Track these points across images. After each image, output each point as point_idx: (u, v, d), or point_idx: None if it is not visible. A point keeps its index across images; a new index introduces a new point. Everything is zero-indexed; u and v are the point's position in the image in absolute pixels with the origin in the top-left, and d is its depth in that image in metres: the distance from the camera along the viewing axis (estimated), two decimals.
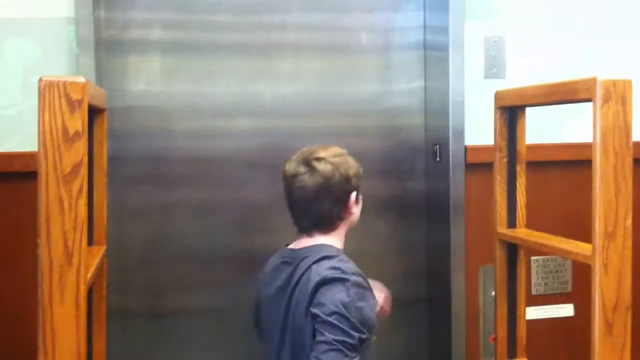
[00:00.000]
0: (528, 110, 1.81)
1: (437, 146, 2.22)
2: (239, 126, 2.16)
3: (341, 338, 1.50)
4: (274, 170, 2.12)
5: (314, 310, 1.54)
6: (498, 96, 1.82)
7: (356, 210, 1.75)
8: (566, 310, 2.23)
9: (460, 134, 2.15)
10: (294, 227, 1.72)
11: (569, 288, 2.23)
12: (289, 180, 1.68)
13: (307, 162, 1.67)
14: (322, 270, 1.58)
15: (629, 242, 1.40)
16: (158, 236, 2.11)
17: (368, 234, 2.20)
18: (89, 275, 1.26)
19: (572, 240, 1.61)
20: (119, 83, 2.05)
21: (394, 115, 2.27)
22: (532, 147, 1.91)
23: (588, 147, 1.44)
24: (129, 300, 2.09)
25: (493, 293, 2.16)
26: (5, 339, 1.86)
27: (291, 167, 1.68)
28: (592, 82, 1.40)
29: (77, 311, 1.15)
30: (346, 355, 1.49)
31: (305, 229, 1.70)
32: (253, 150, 2.16)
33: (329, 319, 1.51)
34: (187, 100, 2.11)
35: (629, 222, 1.40)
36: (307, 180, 1.65)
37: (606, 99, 1.38)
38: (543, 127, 2.13)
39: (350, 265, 1.62)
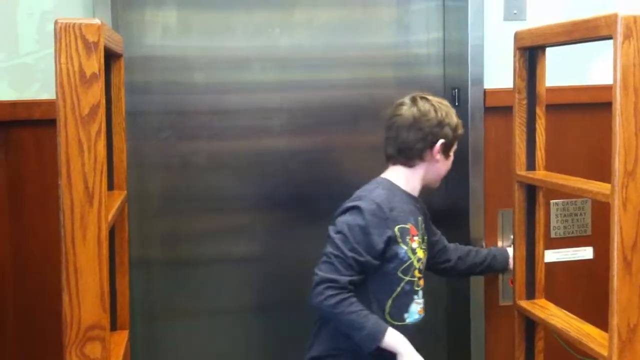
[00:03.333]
0: (548, 52, 1.79)
1: (456, 90, 2.20)
2: (256, 78, 2.14)
3: (335, 252, 1.67)
4: (291, 120, 2.16)
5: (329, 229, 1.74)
6: (518, 36, 1.79)
7: (441, 161, 1.82)
8: (586, 253, 2.23)
9: (479, 78, 2.12)
10: (311, 175, 1.73)
11: (589, 231, 2.23)
12: (392, 108, 1.83)
13: (413, 98, 1.81)
14: (352, 197, 1.77)
15: None
16: (177, 187, 2.12)
17: None
18: (110, 216, 1.28)
19: (590, 181, 1.60)
20: (136, 36, 2.03)
21: (412, 64, 2.24)
22: (552, 90, 1.89)
23: (608, 89, 1.42)
24: (149, 249, 2.11)
25: (512, 236, 2.17)
26: (32, 279, 1.90)
27: (399, 100, 1.84)
28: (614, 18, 1.38)
29: (100, 250, 1.18)
30: (336, 270, 1.65)
31: (388, 158, 1.84)
32: (270, 101, 2.14)
33: (332, 235, 1.71)
34: (204, 52, 2.09)
35: None
36: (406, 110, 1.79)
37: (627, 36, 1.36)
38: (562, 70, 2.10)
39: (376, 194, 1.74)
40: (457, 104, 2.19)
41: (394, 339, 1.65)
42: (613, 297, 1.41)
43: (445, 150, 1.80)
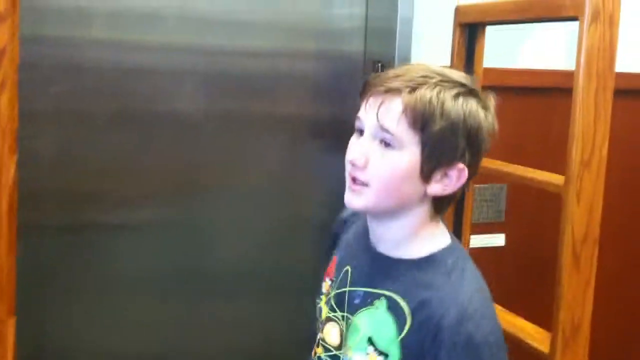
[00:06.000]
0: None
1: (379, 65, 2.08)
2: (167, 37, 1.92)
3: None
4: (204, 85, 1.95)
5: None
6: (459, 11, 1.69)
7: None
8: (498, 239, 2.19)
9: (406, 54, 2.01)
10: (223, 141, 1.52)
11: (502, 218, 2.19)
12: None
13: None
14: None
15: (603, 172, 1.34)
16: (72, 147, 1.87)
17: (300, 157, 2.09)
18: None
19: (539, 170, 1.53)
20: None
21: (335, 36, 2.10)
22: (488, 71, 1.81)
23: (538, 74, 1.34)
24: (41, 215, 1.86)
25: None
26: None
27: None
28: None
29: None
30: None
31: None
32: (182, 63, 1.94)
33: None
34: (106, 5, 1.85)
35: (605, 151, 1.33)
36: None
37: (594, 18, 1.29)
38: (497, 50, 2.03)
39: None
40: None
41: None
42: (559, 292, 1.36)
43: None
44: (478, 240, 2.17)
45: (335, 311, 1.12)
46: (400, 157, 1.01)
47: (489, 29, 1.69)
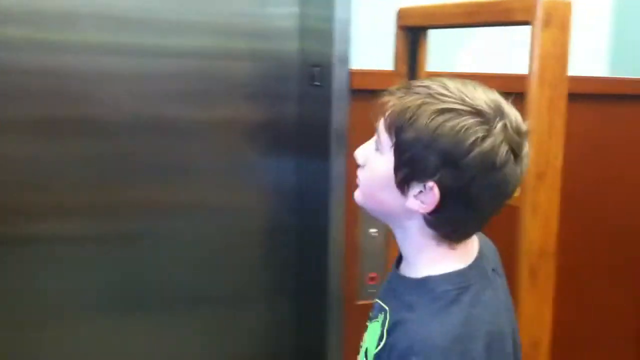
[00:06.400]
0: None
1: (317, 69, 1.99)
2: (86, 38, 1.80)
3: None
4: (129, 88, 1.83)
5: None
6: (401, 14, 1.62)
7: None
8: None
9: (345, 57, 1.92)
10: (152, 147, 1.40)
11: None
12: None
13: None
14: None
15: (558, 183, 1.29)
16: None
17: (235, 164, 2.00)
18: None
19: None
20: None
21: (269, 37, 2.00)
22: (430, 76, 1.74)
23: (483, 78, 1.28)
24: None
25: (372, 230, 2.03)
26: None
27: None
28: (532, 2, 1.24)
29: None
30: None
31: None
32: (105, 65, 1.82)
33: None
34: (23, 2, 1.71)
35: (560, 162, 1.28)
36: None
37: (547, 23, 1.23)
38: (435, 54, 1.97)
39: None
40: (317, 83, 1.98)
41: None
42: (517, 310, 1.29)
43: None
44: None
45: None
46: (381, 161, 1.01)
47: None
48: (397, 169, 0.98)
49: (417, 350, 0.94)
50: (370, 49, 1.88)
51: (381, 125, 1.01)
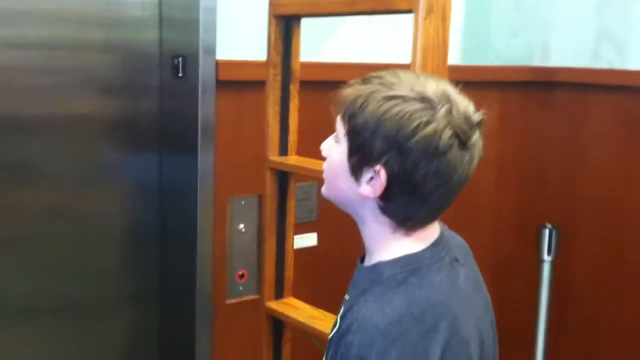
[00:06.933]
0: None
1: (179, 59, 1.90)
2: None
3: None
4: None
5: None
6: (275, 2, 1.57)
7: None
8: (310, 240, 2.13)
9: (211, 47, 1.85)
10: None
11: (314, 217, 2.13)
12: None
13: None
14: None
15: None
16: None
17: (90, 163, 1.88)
18: None
19: None
20: None
21: (125, 26, 1.89)
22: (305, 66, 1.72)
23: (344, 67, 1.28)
24: None
25: (241, 226, 1.98)
26: None
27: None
28: None
29: None
30: None
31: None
32: None
33: None
34: None
35: None
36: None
37: (429, 12, 1.24)
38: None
39: None
40: (180, 74, 1.90)
41: None
42: None
43: None
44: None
45: None
46: (338, 151, 1.03)
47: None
48: (350, 155, 1.00)
49: (356, 329, 0.96)
50: (236, 38, 1.82)
51: (338, 116, 1.03)
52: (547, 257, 2.30)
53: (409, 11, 1.25)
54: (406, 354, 0.94)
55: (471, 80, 1.27)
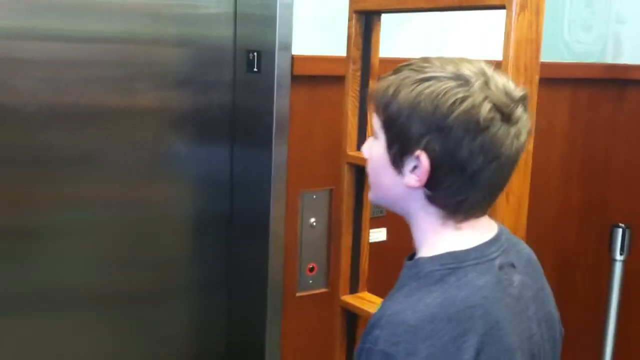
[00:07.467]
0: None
1: (254, 54, 1.92)
2: None
3: None
4: (47, 76, 1.68)
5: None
6: None
7: None
8: (380, 234, 2.13)
9: (287, 42, 1.86)
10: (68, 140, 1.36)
11: (384, 212, 2.13)
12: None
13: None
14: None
15: (529, 169, 1.29)
16: None
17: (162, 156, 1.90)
18: None
19: None
20: None
21: (200, 21, 1.91)
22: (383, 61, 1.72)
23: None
24: None
25: (312, 220, 1.99)
26: None
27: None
28: None
29: None
30: None
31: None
32: (18, 51, 1.66)
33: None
34: None
35: (531, 146, 1.29)
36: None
37: (522, 7, 1.23)
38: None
39: None
40: (255, 69, 1.91)
41: None
42: None
43: None
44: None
45: None
46: (377, 146, 1.00)
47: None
48: (389, 146, 0.97)
49: (383, 324, 0.90)
50: (319, 34, 1.83)
51: (374, 113, 1.00)
52: (619, 257, 2.26)
53: (502, 7, 1.24)
54: (436, 355, 0.87)
55: (542, 77, 1.26)
